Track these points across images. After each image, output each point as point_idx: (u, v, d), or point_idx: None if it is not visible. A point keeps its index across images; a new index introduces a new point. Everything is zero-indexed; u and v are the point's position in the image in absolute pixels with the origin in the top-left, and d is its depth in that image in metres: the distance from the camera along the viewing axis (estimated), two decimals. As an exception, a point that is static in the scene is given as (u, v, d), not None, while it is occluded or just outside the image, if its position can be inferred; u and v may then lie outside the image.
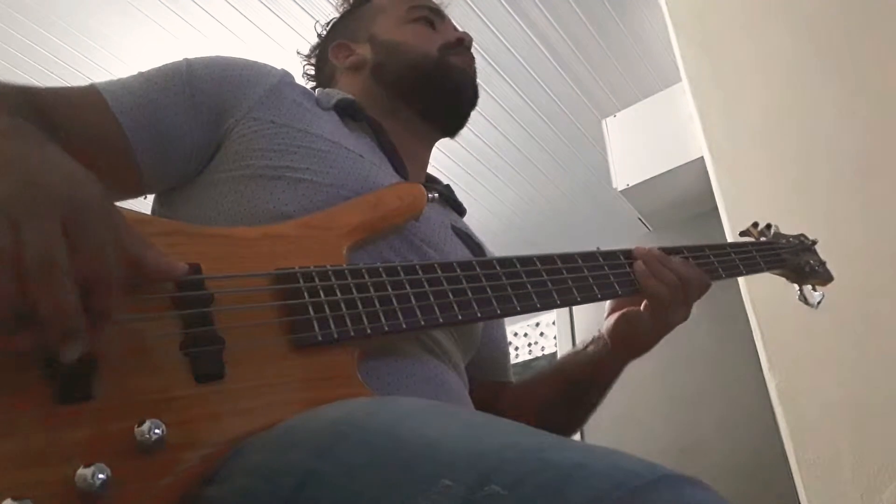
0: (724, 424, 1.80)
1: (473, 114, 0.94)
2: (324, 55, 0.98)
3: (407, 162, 0.83)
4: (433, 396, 0.63)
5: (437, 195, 0.87)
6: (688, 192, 2.27)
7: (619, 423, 1.94)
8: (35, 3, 2.44)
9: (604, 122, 2.53)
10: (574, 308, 2.42)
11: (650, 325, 0.79)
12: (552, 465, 0.34)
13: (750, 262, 0.91)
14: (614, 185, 2.35)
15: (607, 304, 0.85)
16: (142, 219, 0.56)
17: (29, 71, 2.68)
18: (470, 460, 0.36)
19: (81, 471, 0.40)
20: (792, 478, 1.38)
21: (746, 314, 1.61)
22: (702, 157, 1.94)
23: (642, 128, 2.41)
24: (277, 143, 0.71)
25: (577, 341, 0.89)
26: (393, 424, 0.43)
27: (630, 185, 2.30)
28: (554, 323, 2.59)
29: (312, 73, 1.02)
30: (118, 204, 0.50)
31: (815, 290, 0.97)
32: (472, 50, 0.94)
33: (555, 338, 2.75)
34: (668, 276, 0.77)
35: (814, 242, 1.02)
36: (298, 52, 1.05)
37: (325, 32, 1.01)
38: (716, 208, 1.78)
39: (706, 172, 1.86)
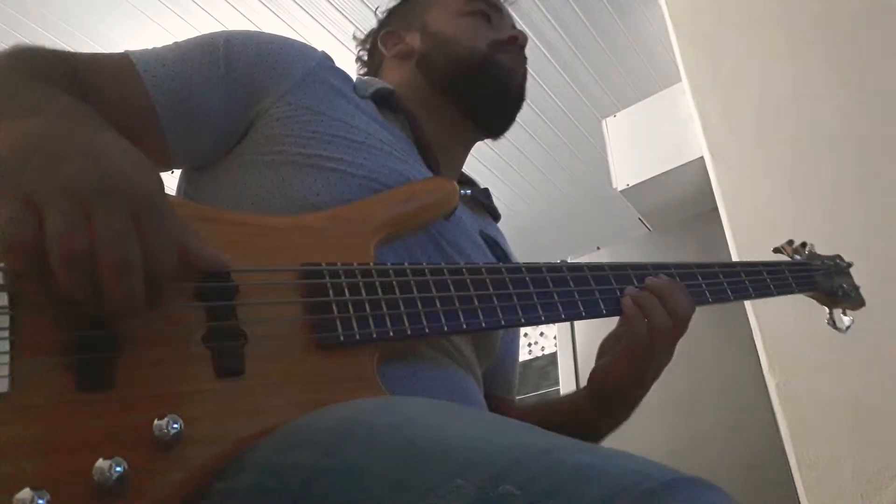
0: (724, 424, 1.80)
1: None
2: (375, 42, 0.95)
3: (441, 159, 0.80)
4: (450, 401, 0.62)
5: (469, 192, 0.84)
6: (688, 192, 2.27)
7: (619, 423, 1.94)
8: (35, 3, 2.44)
9: (604, 122, 2.53)
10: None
11: (622, 365, 0.70)
12: (564, 466, 0.34)
13: (782, 283, 0.87)
14: (614, 185, 2.35)
15: (600, 345, 0.76)
16: (175, 202, 0.55)
17: (29, 71, 2.68)
18: (482, 460, 0.36)
19: (99, 463, 0.40)
20: (792, 478, 1.38)
21: (746, 314, 1.61)
22: (702, 157, 1.94)
23: (642, 128, 2.41)
24: (312, 130, 0.69)
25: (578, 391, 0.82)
26: (403, 423, 0.43)
27: (630, 185, 2.30)
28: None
29: (365, 58, 0.98)
30: None
31: (845, 314, 0.93)
32: None
33: (555, 338, 2.75)
34: (659, 317, 0.68)
35: (849, 265, 0.98)
36: (354, 37, 1.01)
37: (382, 18, 0.98)
38: (716, 208, 1.78)
39: (706, 172, 1.86)
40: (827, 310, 0.94)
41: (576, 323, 2.42)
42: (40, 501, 0.37)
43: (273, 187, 0.66)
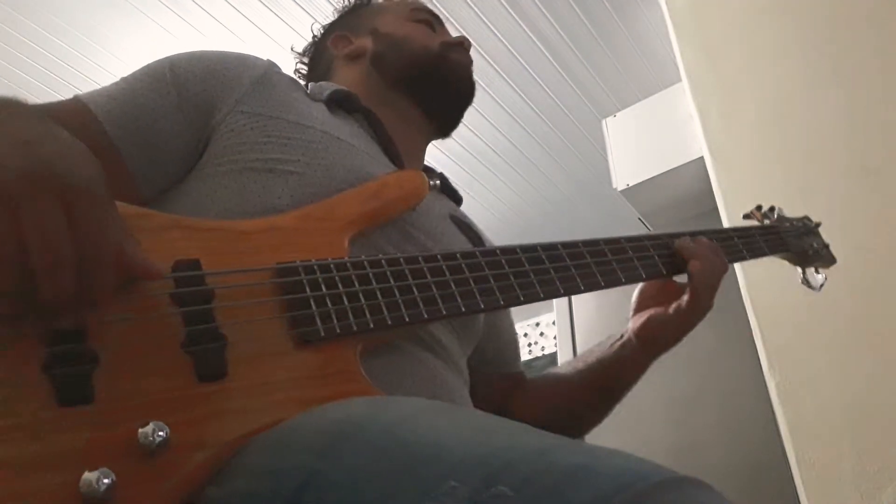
0: (724, 424, 1.80)
1: (473, 113, 0.94)
2: (320, 49, 0.98)
3: (403, 153, 0.82)
4: (431, 395, 0.62)
5: (438, 183, 0.86)
6: (688, 192, 2.27)
7: (618, 423, 1.93)
8: (35, 3, 2.44)
9: (604, 122, 2.53)
10: (574, 308, 2.42)
11: (679, 319, 0.77)
12: (558, 466, 0.34)
13: (753, 247, 0.89)
14: (614, 185, 2.35)
15: (633, 303, 0.84)
16: (139, 213, 0.56)
17: (29, 71, 2.68)
18: (476, 461, 0.36)
19: (86, 476, 0.39)
20: (792, 478, 1.38)
21: (746, 314, 1.61)
22: (702, 157, 1.93)
23: (642, 128, 2.41)
24: (267, 135, 0.70)
25: (604, 339, 0.87)
26: (396, 425, 0.43)
27: (630, 185, 2.30)
28: (554, 323, 2.59)
29: (305, 71, 1.02)
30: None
31: (818, 272, 0.95)
32: (473, 51, 0.95)
33: (555, 337, 2.75)
34: (709, 257, 0.77)
35: (817, 225, 1.00)
36: (293, 49, 1.05)
37: (322, 31, 1.02)
38: (716, 208, 1.78)
39: (706, 172, 1.86)
40: (800, 270, 0.96)
41: (576, 323, 2.42)
42: None
43: (235, 195, 0.66)
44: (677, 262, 0.79)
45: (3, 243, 0.39)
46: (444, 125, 0.93)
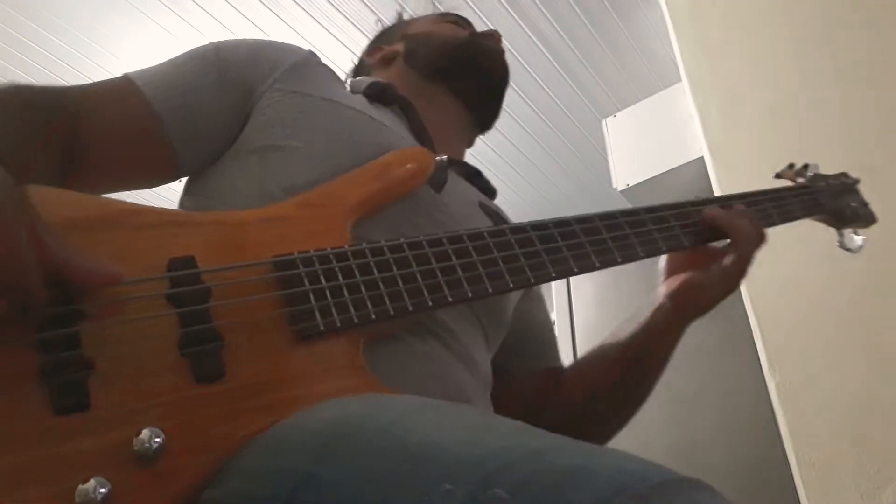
0: (724, 424, 1.80)
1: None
2: (358, 68, 1.01)
3: (437, 143, 0.81)
4: (438, 388, 0.60)
5: (446, 158, 0.82)
6: (688, 192, 2.26)
7: (619, 423, 1.94)
8: (35, 3, 2.44)
9: (604, 122, 2.53)
10: (574, 309, 2.42)
11: (717, 284, 0.74)
12: (555, 468, 0.34)
13: (784, 210, 0.82)
14: (614, 185, 2.35)
15: (663, 267, 0.79)
16: (133, 210, 0.54)
17: (29, 71, 2.68)
18: (472, 463, 0.35)
19: (82, 486, 0.38)
20: (792, 478, 1.38)
21: (746, 314, 1.61)
22: (702, 157, 1.93)
23: (642, 128, 2.41)
24: (301, 112, 0.71)
25: (632, 317, 0.82)
26: (392, 425, 0.42)
27: (630, 185, 2.30)
28: (554, 322, 2.59)
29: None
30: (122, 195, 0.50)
31: (856, 234, 0.89)
32: None
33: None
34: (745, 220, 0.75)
35: (855, 182, 0.92)
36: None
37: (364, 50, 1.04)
38: (716, 208, 1.78)
39: (706, 172, 1.86)
40: (837, 232, 0.90)
41: (575, 320, 2.41)
42: None
43: (261, 173, 0.66)
44: (704, 233, 0.74)
45: None
46: (483, 114, 0.93)
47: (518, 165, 3.40)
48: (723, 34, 1.98)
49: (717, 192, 1.77)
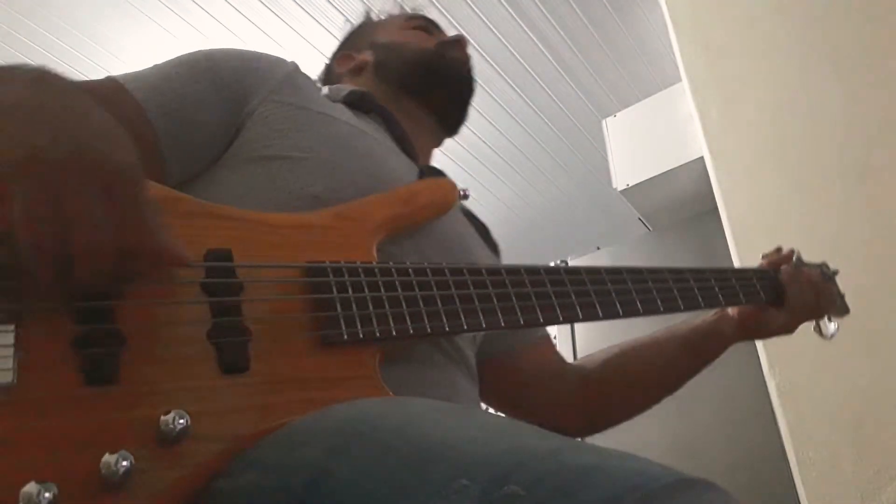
0: (724, 424, 1.80)
1: (473, 113, 0.95)
2: (329, 74, 1.02)
3: (416, 150, 0.84)
4: (447, 400, 0.63)
5: (464, 191, 0.87)
6: (688, 192, 2.27)
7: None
8: (35, 2, 2.44)
9: (604, 122, 2.53)
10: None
11: (771, 329, 0.90)
12: (569, 467, 0.34)
13: (749, 291, 0.87)
14: (614, 185, 2.35)
15: None
16: (172, 197, 0.56)
17: (29, 71, 2.68)
18: (487, 461, 0.36)
19: (107, 457, 0.39)
20: (792, 478, 1.38)
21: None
22: (702, 157, 1.93)
23: (642, 128, 2.41)
24: (300, 124, 0.72)
25: (689, 320, 0.92)
26: (407, 424, 0.43)
27: (630, 185, 2.30)
28: (555, 337, 2.59)
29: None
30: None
31: (830, 321, 0.96)
32: (472, 50, 0.97)
33: (554, 337, 2.75)
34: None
35: (834, 273, 0.99)
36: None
37: (330, 58, 1.05)
38: (716, 208, 1.78)
39: (706, 172, 1.86)
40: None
41: (576, 328, 2.41)
42: (47, 495, 0.37)
43: (267, 182, 0.67)
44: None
45: (46, 223, 0.40)
46: (451, 122, 0.95)
47: (518, 165, 3.40)
48: (723, 34, 1.98)
49: (717, 192, 1.78)
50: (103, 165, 0.43)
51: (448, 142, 1.00)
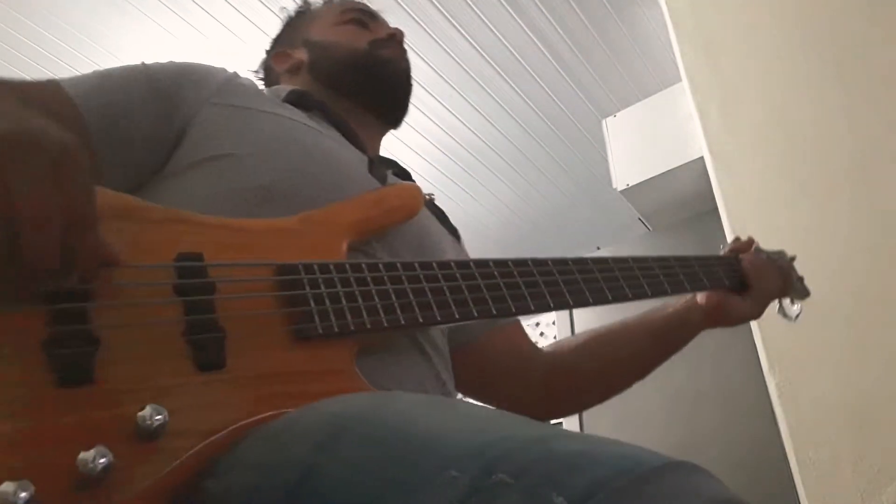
0: (724, 424, 1.80)
1: (473, 113, 0.95)
2: (267, 68, 1.03)
3: (363, 140, 0.85)
4: (426, 392, 0.64)
5: (432, 195, 0.89)
6: (688, 192, 2.27)
7: (618, 422, 1.94)
8: (35, 3, 2.44)
9: (604, 122, 2.53)
10: (574, 309, 2.42)
11: (739, 315, 0.91)
12: (557, 453, 0.34)
13: (713, 276, 0.91)
14: (614, 185, 2.35)
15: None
16: (143, 206, 0.57)
17: (28, 70, 2.68)
18: (475, 451, 0.36)
19: (83, 454, 0.39)
20: (791, 477, 1.38)
21: (746, 314, 1.61)
22: (702, 157, 1.94)
23: (642, 128, 2.41)
24: (243, 123, 0.73)
25: (660, 306, 0.94)
26: (394, 417, 0.43)
27: (630, 185, 2.30)
28: (554, 323, 2.59)
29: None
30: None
31: (793, 303, 1.01)
32: (472, 49, 0.97)
33: (554, 337, 2.75)
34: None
35: (792, 258, 1.05)
36: (250, 71, 1.08)
37: (270, 46, 1.06)
38: (716, 208, 1.78)
39: (706, 172, 1.86)
40: (776, 300, 1.02)
41: (576, 324, 2.42)
42: (23, 494, 0.36)
43: (215, 179, 0.68)
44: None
45: None
46: (390, 119, 0.96)
47: (518, 165, 3.40)
48: (723, 34, 1.98)
49: (717, 192, 1.78)
50: (49, 145, 0.43)
51: (448, 142, 1.00)
